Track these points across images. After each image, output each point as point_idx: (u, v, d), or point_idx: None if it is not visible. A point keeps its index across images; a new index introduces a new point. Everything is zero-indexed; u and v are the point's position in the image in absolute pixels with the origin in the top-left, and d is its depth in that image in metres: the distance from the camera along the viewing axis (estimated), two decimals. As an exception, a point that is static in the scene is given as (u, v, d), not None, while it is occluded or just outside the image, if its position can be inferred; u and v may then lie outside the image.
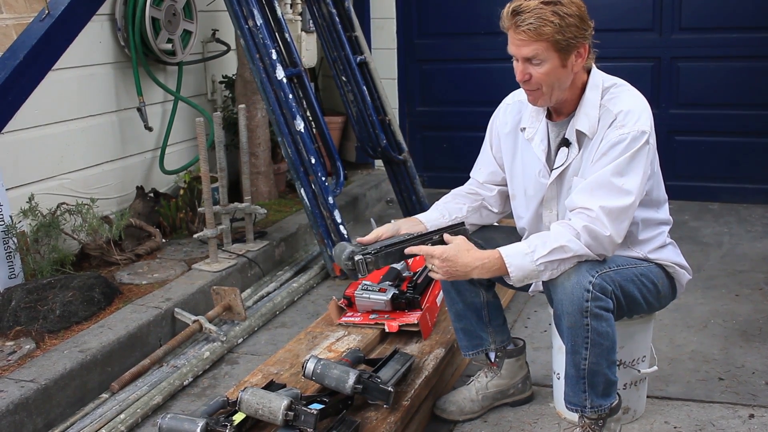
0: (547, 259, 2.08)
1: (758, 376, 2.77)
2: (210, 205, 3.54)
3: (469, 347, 2.56)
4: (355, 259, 2.12)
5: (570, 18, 2.06)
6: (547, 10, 2.05)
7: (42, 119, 3.59)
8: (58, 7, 3.37)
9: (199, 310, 3.27)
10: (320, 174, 3.75)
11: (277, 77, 3.71)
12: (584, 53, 2.13)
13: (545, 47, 2.08)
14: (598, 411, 2.20)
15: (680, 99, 4.91)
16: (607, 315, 2.11)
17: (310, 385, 2.40)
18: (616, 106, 2.15)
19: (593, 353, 2.12)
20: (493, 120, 2.46)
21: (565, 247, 2.08)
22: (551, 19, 2.05)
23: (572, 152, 2.21)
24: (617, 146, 2.11)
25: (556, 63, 2.10)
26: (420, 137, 5.61)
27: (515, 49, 2.13)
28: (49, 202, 3.52)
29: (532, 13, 2.06)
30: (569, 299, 2.09)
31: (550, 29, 2.05)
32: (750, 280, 3.67)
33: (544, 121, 2.28)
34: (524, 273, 2.10)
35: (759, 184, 4.89)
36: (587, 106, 2.18)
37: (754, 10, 4.70)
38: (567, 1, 2.07)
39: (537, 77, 2.12)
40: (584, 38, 2.11)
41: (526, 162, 2.33)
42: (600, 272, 2.10)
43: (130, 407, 2.66)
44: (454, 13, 5.31)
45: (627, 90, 2.21)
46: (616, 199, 2.09)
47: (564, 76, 2.14)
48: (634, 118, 2.12)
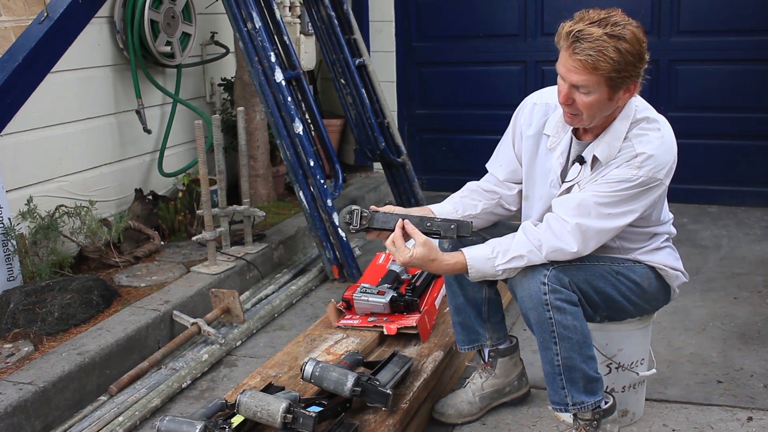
0: (506, 267, 2.17)
1: (757, 378, 2.77)
2: (209, 207, 3.54)
3: (466, 341, 2.56)
4: (352, 208, 2.20)
5: (630, 56, 1.99)
6: (610, 44, 1.97)
7: (41, 121, 3.59)
8: (57, 10, 3.37)
9: (198, 313, 3.27)
10: (319, 177, 3.75)
11: (276, 80, 3.72)
12: (633, 89, 2.08)
13: (597, 80, 2.01)
14: (581, 408, 2.20)
15: (678, 102, 4.92)
16: (571, 308, 2.13)
17: (308, 388, 2.40)
18: (640, 146, 2.10)
19: (563, 347, 2.14)
20: (517, 117, 2.39)
21: (524, 257, 2.15)
22: (611, 55, 1.97)
23: (585, 171, 2.20)
24: (624, 183, 2.10)
25: (603, 96, 2.04)
26: (419, 140, 5.62)
27: (565, 72, 2.05)
28: (47, 204, 3.52)
29: (593, 43, 1.97)
30: (529, 295, 2.14)
31: (608, 66, 1.98)
32: (748, 283, 3.67)
33: (569, 135, 2.24)
34: (482, 275, 2.21)
35: (757, 187, 4.90)
36: (612, 136, 2.15)
37: (753, 14, 4.71)
38: (631, 38, 1.99)
39: (581, 104, 2.07)
40: (638, 76, 2.06)
41: (545, 169, 2.31)
42: (556, 266, 2.14)
43: (129, 410, 2.65)
44: (452, 16, 5.32)
45: (657, 129, 2.14)
46: (596, 221, 2.11)
47: (607, 108, 2.09)
48: (653, 164, 2.09)
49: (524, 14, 5.12)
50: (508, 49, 5.17)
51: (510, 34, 5.16)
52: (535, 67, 5.15)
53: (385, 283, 2.96)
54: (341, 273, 3.85)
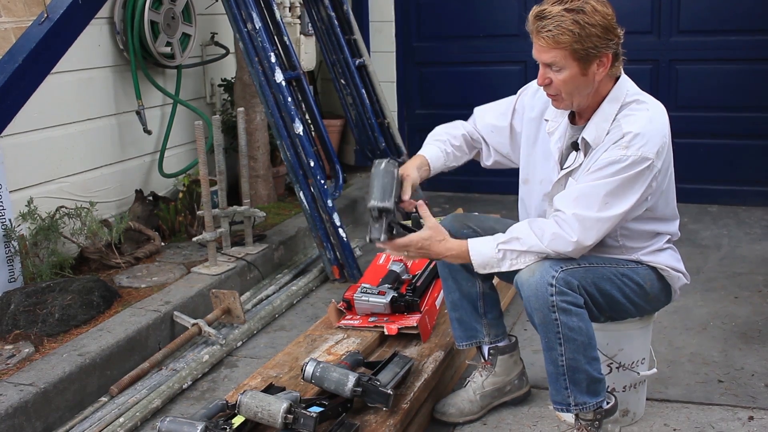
0: (506, 247, 2.18)
1: (757, 378, 2.77)
2: (209, 208, 3.54)
3: (463, 338, 2.57)
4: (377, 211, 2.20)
5: (591, 28, 2.05)
6: (568, 18, 2.05)
7: (41, 123, 3.59)
8: (57, 11, 3.37)
9: (198, 314, 3.27)
10: (319, 177, 3.75)
11: (276, 80, 3.72)
12: (607, 62, 2.12)
13: (564, 55, 2.08)
14: (584, 409, 2.20)
15: (679, 101, 4.92)
16: (577, 310, 2.12)
17: (309, 388, 2.40)
18: (627, 126, 2.13)
19: (568, 349, 2.14)
20: (522, 97, 2.45)
21: (523, 241, 2.16)
22: (570, 28, 2.04)
23: (579, 157, 2.23)
24: (614, 165, 2.10)
25: (575, 71, 2.10)
26: (419, 140, 5.52)
27: (536, 54, 2.14)
28: (48, 205, 3.52)
29: (552, 19, 2.06)
30: (535, 295, 2.12)
31: (568, 38, 2.05)
32: (749, 283, 3.67)
33: (566, 120, 2.29)
34: (484, 258, 2.20)
35: (758, 186, 4.89)
36: (600, 117, 2.18)
37: (752, 13, 4.71)
38: (590, 10, 2.06)
39: (556, 83, 2.14)
40: (607, 48, 2.09)
41: (546, 152, 2.34)
42: (564, 268, 2.13)
43: (129, 411, 2.65)
44: (452, 16, 5.32)
45: (646, 109, 2.17)
46: (593, 211, 2.11)
47: (584, 84, 2.13)
48: (640, 143, 2.10)
49: (524, 13, 5.11)
50: (508, 49, 5.16)
51: (510, 34, 5.15)
52: (535, 67, 5.11)
53: (386, 284, 2.96)
54: (342, 273, 3.85)
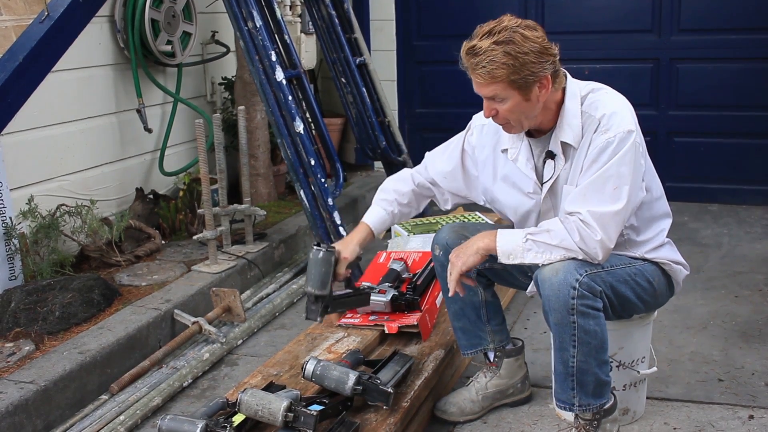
0: (534, 237, 2.13)
1: (758, 377, 2.77)
2: (209, 206, 3.54)
3: (468, 346, 2.57)
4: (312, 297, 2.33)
5: (524, 56, 2.04)
6: (499, 51, 2.04)
7: (41, 121, 3.59)
8: (58, 9, 3.38)
9: (199, 312, 3.27)
10: (320, 176, 3.75)
11: (277, 79, 3.71)
12: (547, 84, 2.11)
13: (503, 87, 2.08)
14: (586, 410, 2.20)
15: (679, 100, 4.92)
16: (595, 314, 2.12)
17: (309, 387, 2.40)
18: (598, 111, 2.14)
19: (581, 351, 2.13)
20: (468, 137, 2.47)
21: (552, 233, 2.12)
22: (504, 61, 2.04)
23: (559, 163, 2.21)
24: (606, 150, 2.10)
25: (518, 99, 2.10)
26: (419, 139, 5.62)
27: (477, 89, 2.15)
28: (48, 203, 3.52)
29: (485, 55, 2.05)
30: (555, 296, 2.10)
31: (504, 71, 2.05)
32: (749, 281, 3.67)
33: (525, 140, 2.27)
34: (510, 246, 2.16)
35: (758, 185, 4.89)
36: (569, 117, 2.17)
37: (753, 12, 4.71)
38: (519, 39, 2.04)
39: (503, 113, 2.14)
40: (543, 70, 2.08)
41: (514, 182, 2.32)
42: (589, 272, 2.11)
43: (130, 409, 2.66)
44: (453, 15, 5.31)
45: (605, 93, 2.20)
46: (606, 204, 2.09)
47: (529, 109, 2.13)
48: (618, 119, 2.11)
49: (524, 13, 5.11)
50: (508, 48, 5.16)
51: (510, 33, 5.16)
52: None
53: (386, 282, 2.96)
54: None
